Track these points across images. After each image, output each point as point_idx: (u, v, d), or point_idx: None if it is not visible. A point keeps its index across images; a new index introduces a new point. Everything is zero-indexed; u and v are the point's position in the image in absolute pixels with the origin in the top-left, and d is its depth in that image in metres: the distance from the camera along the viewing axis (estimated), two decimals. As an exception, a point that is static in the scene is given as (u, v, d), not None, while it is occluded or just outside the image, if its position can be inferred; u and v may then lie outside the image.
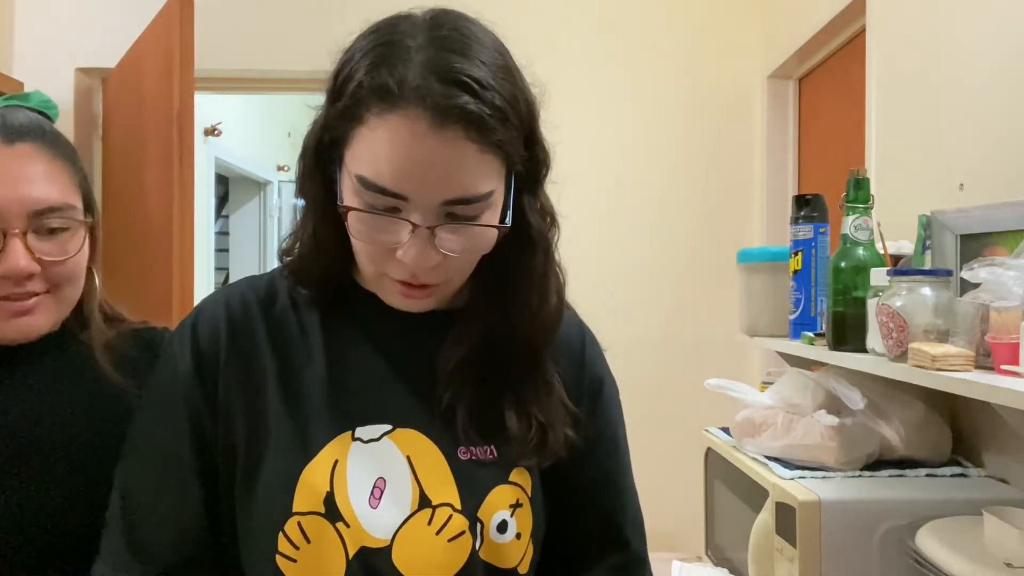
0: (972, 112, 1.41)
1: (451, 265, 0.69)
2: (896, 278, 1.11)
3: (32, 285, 0.84)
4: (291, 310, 0.78)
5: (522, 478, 0.75)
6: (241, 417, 0.73)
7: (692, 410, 2.09)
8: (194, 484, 0.73)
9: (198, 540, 0.73)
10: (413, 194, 0.65)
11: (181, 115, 2.20)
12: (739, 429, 1.41)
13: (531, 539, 0.75)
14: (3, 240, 0.81)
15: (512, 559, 0.73)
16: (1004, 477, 1.26)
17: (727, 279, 2.19)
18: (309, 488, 0.69)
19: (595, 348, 0.85)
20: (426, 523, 0.71)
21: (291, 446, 0.71)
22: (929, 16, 1.59)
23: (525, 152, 0.70)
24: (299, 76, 2.77)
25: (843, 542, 1.13)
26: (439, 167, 0.64)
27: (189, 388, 0.74)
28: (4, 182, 0.81)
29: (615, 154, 2.73)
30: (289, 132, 5.68)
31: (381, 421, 0.73)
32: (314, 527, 0.69)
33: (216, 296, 0.79)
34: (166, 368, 0.76)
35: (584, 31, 2.76)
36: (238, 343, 0.75)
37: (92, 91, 2.86)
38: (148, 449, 0.75)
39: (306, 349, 0.76)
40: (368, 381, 0.75)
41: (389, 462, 0.72)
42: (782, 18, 2.54)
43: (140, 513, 0.73)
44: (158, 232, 2.24)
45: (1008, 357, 0.92)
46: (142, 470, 0.75)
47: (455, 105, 0.62)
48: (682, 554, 1.68)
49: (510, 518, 0.73)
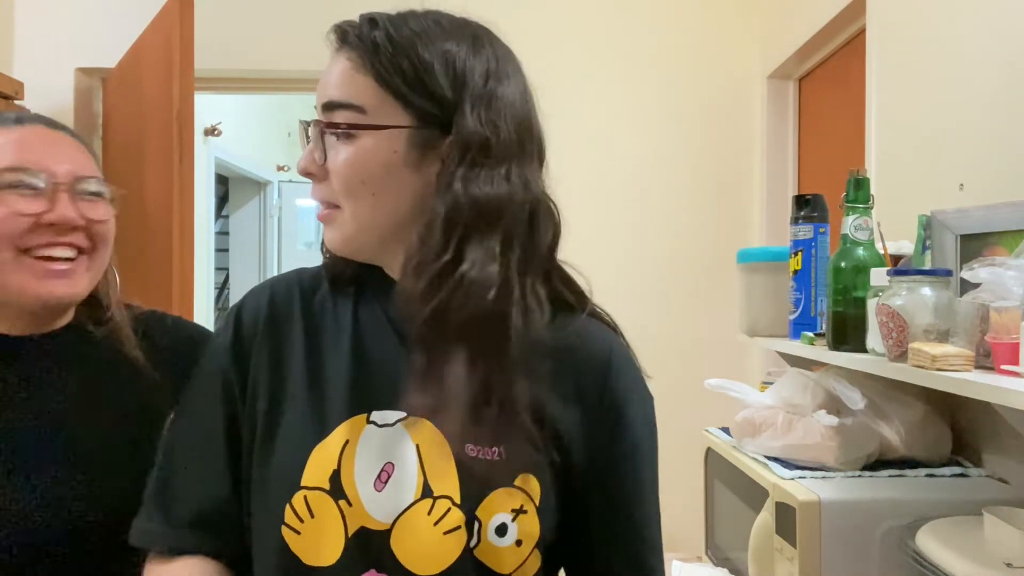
0: (972, 112, 1.41)
1: (336, 179, 0.76)
2: (896, 278, 1.11)
3: (75, 238, 0.92)
4: (329, 299, 0.83)
5: (529, 485, 0.74)
6: (265, 393, 0.78)
7: (692, 410, 2.09)
8: (221, 448, 0.79)
9: (220, 500, 0.78)
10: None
11: (181, 115, 2.20)
12: (739, 429, 1.41)
13: (535, 549, 0.74)
14: (53, 194, 0.90)
15: (508, 565, 0.72)
16: (1004, 477, 1.26)
17: (727, 279, 2.19)
18: (318, 464, 0.73)
19: (622, 363, 0.81)
20: (426, 512, 0.71)
21: (307, 423, 0.75)
22: (929, 16, 1.59)
23: (427, 103, 0.74)
24: (299, 76, 2.78)
25: (843, 542, 1.13)
26: (326, 74, 0.78)
27: (225, 361, 0.80)
28: (52, 151, 0.92)
29: (615, 154, 2.73)
30: (289, 132, 5.68)
31: (397, 407, 0.75)
32: (318, 502, 0.71)
33: (267, 281, 0.86)
34: (214, 342, 0.84)
35: (584, 31, 2.76)
36: (275, 325, 0.81)
37: (92, 91, 2.86)
38: (189, 413, 0.82)
39: (335, 336, 0.80)
40: (389, 370, 0.77)
41: (400, 449, 0.73)
42: (782, 18, 2.54)
43: (174, 469, 0.80)
44: (158, 232, 2.24)
45: (1008, 357, 0.92)
46: (181, 430, 0.82)
47: (347, 30, 0.77)
48: (682, 554, 1.68)
49: (511, 523, 0.73)
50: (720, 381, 1.41)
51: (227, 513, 0.78)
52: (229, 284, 5.49)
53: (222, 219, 5.42)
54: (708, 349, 2.64)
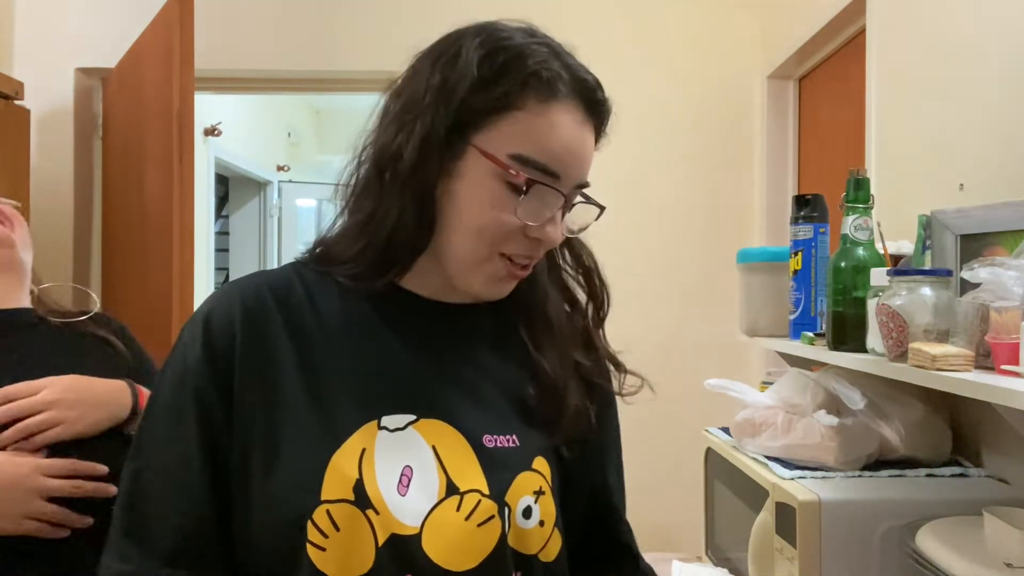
0: (972, 112, 1.41)
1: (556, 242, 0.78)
2: (896, 278, 1.11)
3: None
4: (307, 302, 0.78)
5: (543, 467, 0.77)
6: (259, 408, 0.73)
7: (692, 410, 2.09)
8: (197, 472, 0.72)
9: (202, 526, 0.72)
10: (565, 173, 0.74)
11: (181, 115, 2.20)
12: (739, 429, 1.41)
13: (555, 528, 0.77)
14: None
15: (534, 545, 0.75)
16: (1004, 477, 1.26)
17: (727, 279, 2.18)
18: (339, 476, 0.70)
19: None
20: (455, 509, 0.71)
21: (318, 435, 0.72)
22: (929, 16, 1.59)
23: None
24: (299, 76, 2.78)
25: (843, 542, 1.13)
26: (583, 152, 0.76)
27: (199, 379, 0.73)
28: None
29: (614, 154, 2.72)
30: (289, 132, 5.68)
31: (406, 411, 0.75)
32: (344, 515, 0.69)
33: (230, 288, 0.79)
34: (176, 360, 0.75)
35: (583, 31, 2.75)
36: (255, 334, 0.75)
37: (92, 91, 2.86)
38: (156, 437, 0.74)
39: (326, 340, 0.76)
40: (391, 371, 0.77)
41: (415, 451, 0.73)
42: (782, 18, 2.54)
43: (146, 498, 0.73)
44: (158, 232, 2.24)
45: (1008, 357, 0.92)
46: (148, 456, 0.74)
47: (601, 102, 0.78)
48: (682, 554, 1.68)
49: (534, 504, 0.75)
50: (720, 381, 1.41)
51: (211, 540, 0.72)
52: (229, 284, 5.48)
53: (222, 219, 5.42)
54: (708, 349, 2.64)
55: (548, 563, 0.76)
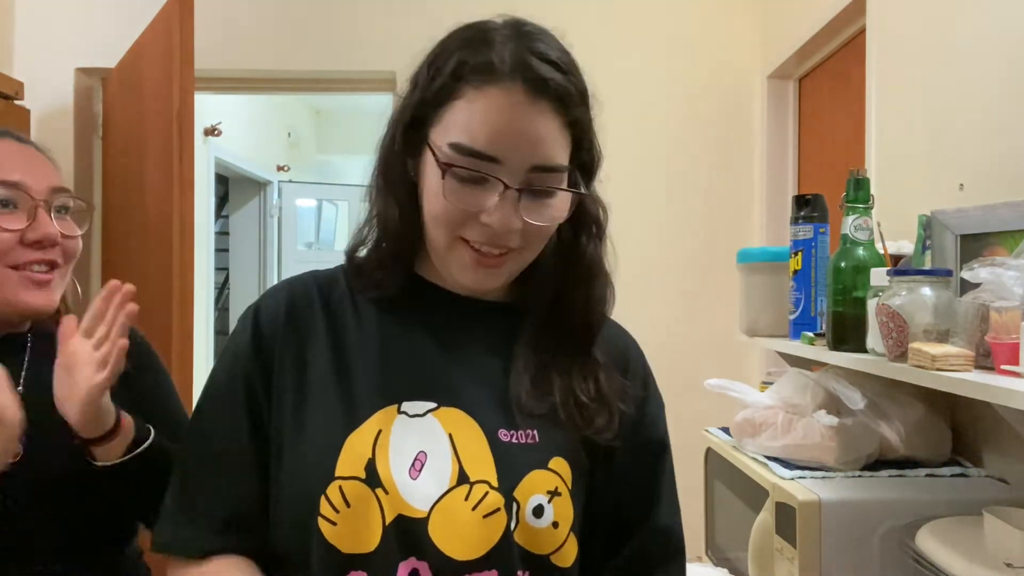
0: (972, 112, 1.41)
1: (527, 236, 0.76)
2: (896, 278, 1.11)
3: (53, 254, 0.95)
4: (348, 297, 0.84)
5: (562, 468, 0.77)
6: (291, 389, 0.78)
7: (692, 410, 2.09)
8: (247, 449, 0.78)
9: (252, 500, 0.77)
10: (505, 156, 0.73)
11: (181, 115, 2.20)
12: (739, 429, 1.41)
13: (571, 532, 0.76)
14: (33, 211, 0.93)
15: (547, 546, 0.74)
16: (1004, 477, 1.26)
17: (727, 279, 2.19)
18: (353, 454, 0.73)
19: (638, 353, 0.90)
20: (463, 498, 0.72)
21: (338, 415, 0.76)
22: (929, 16, 1.59)
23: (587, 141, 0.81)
24: (299, 76, 2.78)
25: (843, 542, 1.13)
26: (530, 134, 0.73)
27: (247, 363, 0.80)
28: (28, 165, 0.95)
29: (614, 154, 2.73)
30: (289, 132, 5.69)
31: (427, 398, 0.77)
32: (354, 491, 0.72)
33: (282, 283, 0.87)
34: (229, 348, 0.83)
35: (583, 32, 2.75)
36: (296, 323, 0.81)
37: (92, 91, 2.86)
38: (208, 418, 0.82)
39: (360, 331, 0.81)
40: (417, 362, 0.79)
41: (432, 437, 0.75)
42: (782, 18, 2.54)
43: (199, 473, 0.80)
44: (158, 232, 2.24)
45: (1008, 357, 0.92)
46: (201, 435, 0.81)
47: (548, 79, 0.73)
48: (682, 554, 1.68)
49: (547, 504, 0.74)
50: (720, 381, 1.41)
51: (260, 512, 0.77)
52: (229, 284, 5.50)
53: (222, 219, 5.43)
54: (708, 349, 2.64)
55: (564, 568, 0.75)
